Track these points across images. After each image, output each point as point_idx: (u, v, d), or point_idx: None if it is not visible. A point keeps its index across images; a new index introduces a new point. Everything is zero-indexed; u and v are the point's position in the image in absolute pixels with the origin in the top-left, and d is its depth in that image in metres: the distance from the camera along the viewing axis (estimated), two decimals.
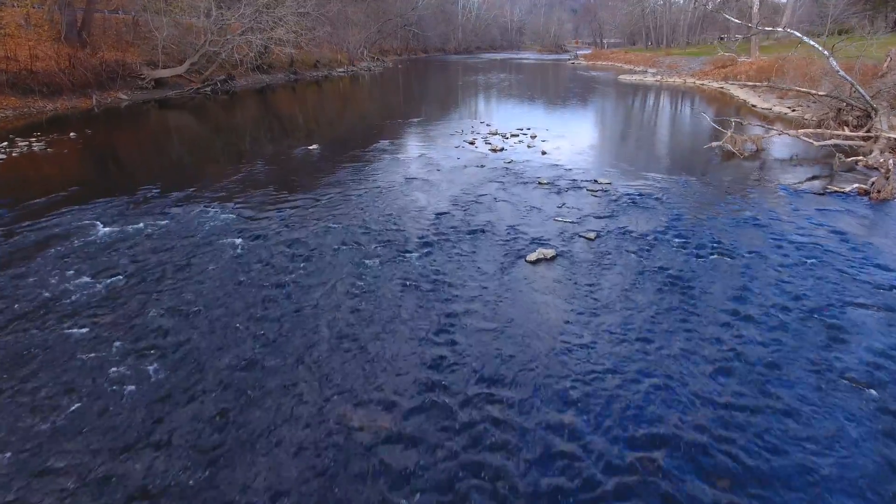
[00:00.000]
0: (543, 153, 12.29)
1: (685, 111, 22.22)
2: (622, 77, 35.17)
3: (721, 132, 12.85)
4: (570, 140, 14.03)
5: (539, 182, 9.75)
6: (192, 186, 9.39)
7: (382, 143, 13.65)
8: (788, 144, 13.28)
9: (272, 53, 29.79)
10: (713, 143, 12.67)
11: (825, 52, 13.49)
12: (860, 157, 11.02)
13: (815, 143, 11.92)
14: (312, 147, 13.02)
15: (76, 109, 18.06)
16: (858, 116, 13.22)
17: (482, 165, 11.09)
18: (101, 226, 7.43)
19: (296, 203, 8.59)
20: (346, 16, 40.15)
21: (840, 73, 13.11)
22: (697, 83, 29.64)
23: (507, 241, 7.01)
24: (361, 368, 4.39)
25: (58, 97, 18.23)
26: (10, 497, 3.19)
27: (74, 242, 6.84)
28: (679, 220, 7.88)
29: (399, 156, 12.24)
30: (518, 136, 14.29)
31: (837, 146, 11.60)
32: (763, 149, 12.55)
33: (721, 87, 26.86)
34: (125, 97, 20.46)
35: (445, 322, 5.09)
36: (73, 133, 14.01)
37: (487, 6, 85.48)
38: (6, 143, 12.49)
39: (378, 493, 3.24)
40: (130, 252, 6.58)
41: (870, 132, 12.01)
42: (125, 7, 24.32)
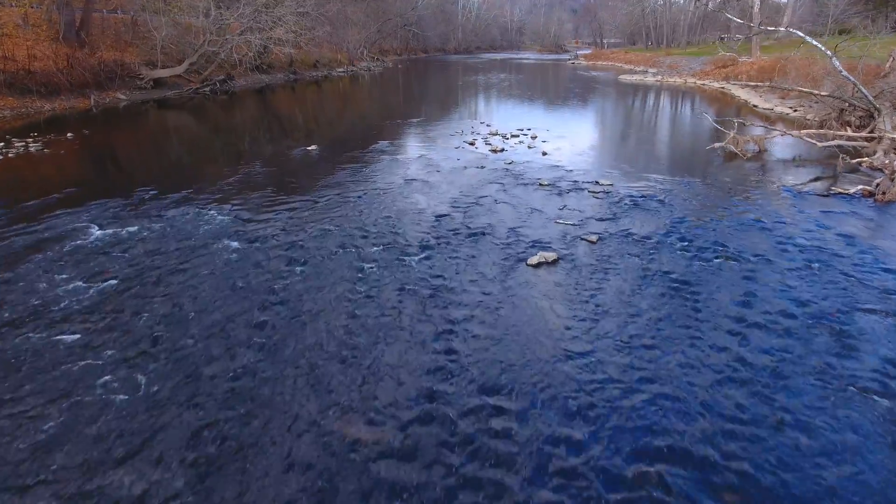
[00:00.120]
0: (544, 154, 12.19)
1: (686, 112, 22.11)
2: (622, 77, 35.06)
3: (723, 133, 12.75)
4: (571, 141, 13.93)
5: (540, 183, 9.64)
6: (190, 188, 9.28)
7: (382, 144, 13.54)
8: (791, 145, 13.17)
9: (271, 53, 29.71)
10: (715, 144, 12.56)
11: (828, 52, 13.39)
12: (864, 159, 10.92)
13: (819, 144, 11.81)
14: (311, 148, 12.92)
15: (74, 110, 17.95)
16: (861, 117, 13.13)
17: (482, 166, 10.99)
18: (96, 228, 7.33)
19: (294, 205, 8.49)
20: (346, 16, 40.04)
21: (843, 74, 13.00)
22: (698, 83, 29.54)
23: (508, 245, 6.91)
24: (359, 378, 4.29)
25: (56, 97, 18.13)
26: None
27: (68, 246, 6.73)
28: (682, 223, 7.78)
29: (398, 157, 12.14)
30: (518, 137, 14.18)
31: (841, 147, 11.49)
32: (766, 150, 12.43)
33: (722, 88, 26.76)
34: (123, 97, 20.35)
35: (445, 329, 4.98)
36: (71, 133, 13.91)
37: (487, 6, 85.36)
38: (2, 144, 12.39)
39: None
40: (125, 256, 6.48)
41: (873, 133, 11.91)
42: (124, 7, 24.24)
